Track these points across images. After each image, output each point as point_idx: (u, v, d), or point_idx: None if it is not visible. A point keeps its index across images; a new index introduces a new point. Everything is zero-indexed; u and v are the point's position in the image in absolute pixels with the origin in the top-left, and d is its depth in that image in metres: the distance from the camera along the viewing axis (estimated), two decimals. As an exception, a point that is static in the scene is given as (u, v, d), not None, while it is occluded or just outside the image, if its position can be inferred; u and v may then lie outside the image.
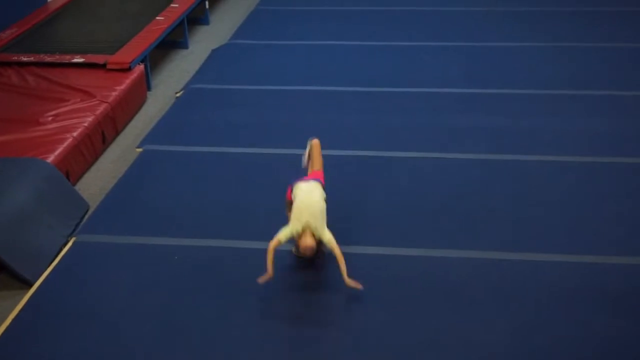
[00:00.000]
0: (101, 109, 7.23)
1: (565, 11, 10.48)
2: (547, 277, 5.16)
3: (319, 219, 4.81)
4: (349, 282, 4.83)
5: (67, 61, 8.16)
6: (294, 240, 4.87)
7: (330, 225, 4.87)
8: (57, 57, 8.24)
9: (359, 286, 4.85)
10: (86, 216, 6.13)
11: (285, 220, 4.95)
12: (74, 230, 5.90)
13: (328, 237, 4.83)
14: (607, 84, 8.16)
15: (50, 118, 6.95)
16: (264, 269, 4.79)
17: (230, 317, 4.84)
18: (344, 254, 4.82)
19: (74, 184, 6.56)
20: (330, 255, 4.92)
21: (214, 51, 9.58)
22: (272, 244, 4.82)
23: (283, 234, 4.83)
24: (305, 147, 5.50)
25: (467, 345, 4.59)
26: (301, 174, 5.34)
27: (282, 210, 5.25)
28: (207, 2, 10.91)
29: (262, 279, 4.82)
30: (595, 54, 8.98)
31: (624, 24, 9.95)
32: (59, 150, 6.43)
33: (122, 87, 7.73)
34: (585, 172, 6.45)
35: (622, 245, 5.48)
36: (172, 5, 9.92)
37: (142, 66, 8.31)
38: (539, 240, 5.56)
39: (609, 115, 7.44)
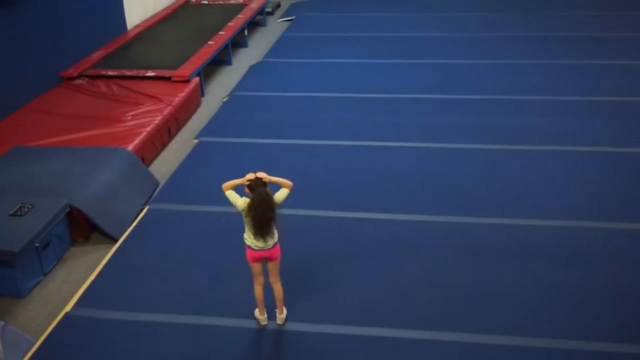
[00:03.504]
0: (167, 110, 7.28)
1: (520, 36, 10.39)
2: (504, 237, 5.15)
3: None
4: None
5: (142, 74, 8.21)
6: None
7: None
8: (135, 71, 8.29)
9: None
10: (157, 190, 6.20)
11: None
12: (147, 200, 5.98)
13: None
14: (557, 91, 8.05)
15: (129, 117, 7.02)
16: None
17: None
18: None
19: (148, 166, 6.62)
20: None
21: (251, 67, 9.58)
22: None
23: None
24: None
25: (440, 291, 4.60)
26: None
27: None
28: (246, 31, 10.93)
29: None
30: (547, 68, 8.86)
31: (571, 46, 9.85)
32: (137, 141, 6.49)
33: (183, 94, 7.77)
34: (536, 158, 6.42)
35: (565, 212, 5.45)
36: (220, 32, 9.96)
37: (197, 78, 8.35)
38: (498, 207, 5.55)
39: (557, 116, 7.36)
